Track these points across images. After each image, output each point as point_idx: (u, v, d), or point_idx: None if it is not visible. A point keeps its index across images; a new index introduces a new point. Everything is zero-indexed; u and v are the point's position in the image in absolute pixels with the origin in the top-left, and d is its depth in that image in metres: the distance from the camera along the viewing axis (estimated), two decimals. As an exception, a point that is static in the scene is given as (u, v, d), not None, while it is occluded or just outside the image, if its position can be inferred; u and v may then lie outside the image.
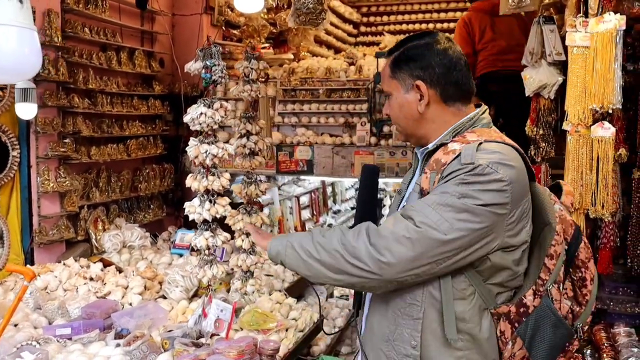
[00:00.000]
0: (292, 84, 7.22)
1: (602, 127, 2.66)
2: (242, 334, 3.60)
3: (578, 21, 2.86)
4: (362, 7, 13.08)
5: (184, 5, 7.66)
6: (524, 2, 3.44)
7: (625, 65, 3.72)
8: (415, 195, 1.92)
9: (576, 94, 2.78)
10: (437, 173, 1.84)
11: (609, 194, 2.72)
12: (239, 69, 4.61)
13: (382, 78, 2.03)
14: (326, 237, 1.86)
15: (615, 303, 3.83)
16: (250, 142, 4.53)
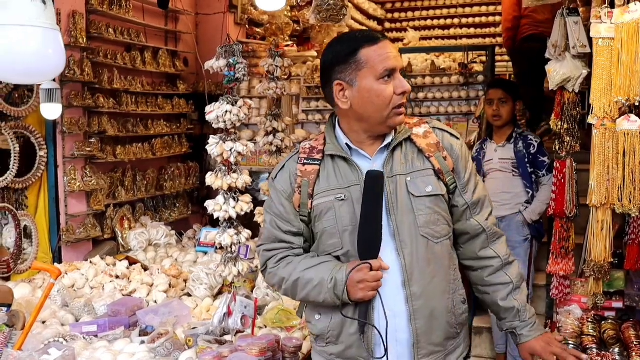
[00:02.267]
0: (316, 81, 7.22)
1: (629, 120, 2.60)
2: (266, 331, 3.61)
3: (603, 12, 2.80)
4: (386, 3, 13.02)
5: (207, 4, 7.71)
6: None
7: (653, 57, 3.66)
8: (431, 178, 2.03)
9: (602, 86, 2.72)
10: (439, 152, 2.06)
11: (636, 188, 2.66)
12: (263, 66, 4.63)
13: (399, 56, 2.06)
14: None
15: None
16: (276, 140, 4.55)
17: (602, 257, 2.91)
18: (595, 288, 3.21)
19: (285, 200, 2.09)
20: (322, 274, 1.99)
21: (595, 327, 3.57)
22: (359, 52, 1.97)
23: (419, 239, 2.00)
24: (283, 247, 2.11)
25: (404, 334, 2.01)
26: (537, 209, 4.15)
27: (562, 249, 3.52)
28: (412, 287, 1.98)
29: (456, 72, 7.10)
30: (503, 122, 4.34)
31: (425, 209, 2.01)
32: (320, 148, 2.07)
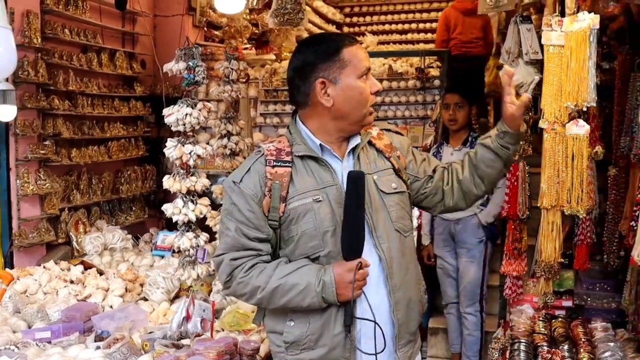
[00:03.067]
0: (274, 85, 7.24)
1: (577, 125, 2.68)
2: (223, 334, 3.60)
3: (554, 20, 2.87)
4: (345, 7, 13.12)
5: (165, 6, 7.64)
6: (501, 2, 3.47)
7: (601, 64, 3.78)
8: (393, 177, 2.14)
9: (552, 92, 2.79)
10: (394, 152, 2.19)
11: (584, 191, 2.74)
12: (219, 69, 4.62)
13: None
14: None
15: (593, 299, 3.87)
16: (231, 143, 4.54)
17: (552, 258, 2.99)
18: (545, 288, 3.30)
19: (255, 204, 2.02)
20: (307, 277, 1.97)
21: (546, 326, 3.67)
22: (342, 51, 2.02)
23: (393, 233, 2.08)
24: (250, 254, 2.05)
25: (386, 326, 2.04)
26: (492, 211, 4.25)
27: (515, 250, 3.61)
28: (393, 279, 2.05)
29: (413, 76, 7.20)
30: (459, 126, 4.43)
31: (395, 205, 2.11)
32: (287, 149, 2.06)
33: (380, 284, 2.05)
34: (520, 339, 3.48)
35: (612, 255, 3.67)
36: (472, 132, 4.47)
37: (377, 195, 2.08)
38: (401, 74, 7.34)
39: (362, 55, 2.05)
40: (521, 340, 3.47)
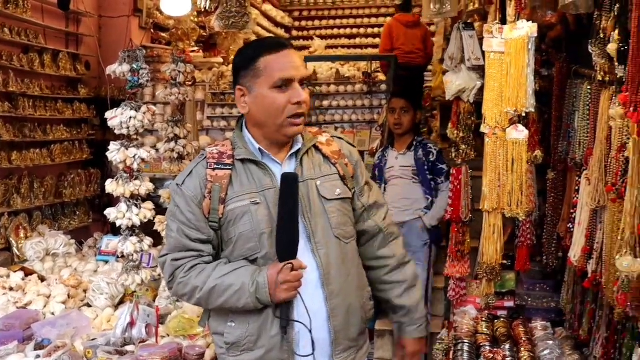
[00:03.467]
0: (222, 88, 7.20)
1: (517, 130, 2.76)
2: (168, 340, 3.56)
3: (494, 28, 2.95)
4: (294, 11, 13.15)
5: (110, 7, 7.52)
6: (444, 9, 3.55)
7: (540, 71, 3.89)
8: (338, 182, 2.13)
9: (493, 97, 2.87)
10: (342, 159, 2.17)
11: (523, 194, 2.82)
12: (166, 72, 4.57)
13: (304, 65, 2.11)
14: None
15: (533, 299, 3.98)
16: (178, 146, 4.50)
17: (494, 259, 3.06)
18: (487, 289, 3.37)
19: (195, 206, 2.05)
20: (242, 278, 1.98)
21: (488, 326, 3.74)
22: (259, 59, 2.01)
23: (333, 240, 2.08)
24: (192, 255, 2.07)
25: (323, 332, 2.06)
26: (436, 214, 4.32)
27: (458, 252, 3.68)
28: (330, 286, 2.05)
29: (360, 80, 7.26)
30: (404, 131, 4.49)
31: (336, 211, 2.10)
32: (229, 153, 2.07)
33: (318, 290, 2.05)
34: (463, 340, 3.54)
35: (551, 256, 3.78)
36: (416, 137, 4.54)
37: (318, 201, 2.08)
38: (348, 78, 7.40)
39: (283, 64, 2.00)
40: (464, 340, 3.53)
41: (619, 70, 2.29)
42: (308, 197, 2.06)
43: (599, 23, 2.55)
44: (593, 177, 2.74)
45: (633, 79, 2.02)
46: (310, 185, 2.07)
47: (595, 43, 2.57)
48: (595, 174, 2.71)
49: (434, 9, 3.58)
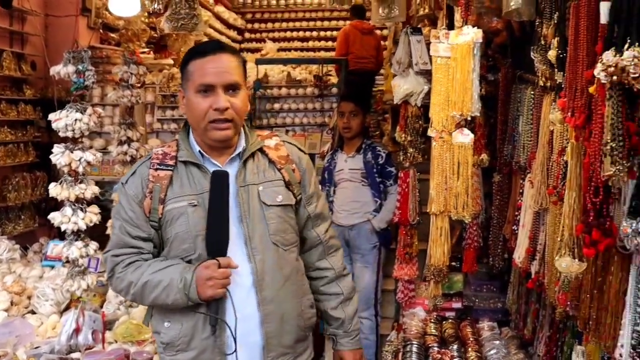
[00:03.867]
0: (172, 90, 7.13)
1: (462, 134, 2.81)
2: (116, 346, 3.50)
3: (441, 33, 3.00)
4: (246, 13, 13.10)
5: (57, 5, 7.35)
6: (392, 14, 3.58)
7: (487, 76, 3.97)
8: (281, 189, 2.13)
9: (440, 101, 2.91)
10: (290, 164, 2.18)
11: (469, 197, 2.87)
12: (117, 73, 4.50)
13: (233, 70, 2.06)
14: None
15: (480, 300, 4.05)
16: (131, 149, 4.43)
17: (441, 262, 3.11)
18: (435, 290, 3.42)
19: (136, 205, 2.08)
20: (171, 274, 2.00)
21: (437, 327, 3.80)
22: (190, 63, 2.05)
23: (270, 246, 2.08)
24: (132, 252, 2.10)
25: (255, 336, 2.07)
26: (385, 217, 4.35)
27: (407, 254, 3.72)
28: (263, 292, 2.05)
29: (311, 84, 7.28)
30: (353, 134, 4.52)
31: (276, 218, 2.10)
32: (173, 154, 2.10)
33: (251, 295, 2.06)
34: (412, 341, 3.59)
35: (497, 257, 3.85)
36: (365, 139, 4.57)
37: (258, 206, 2.08)
38: (300, 81, 7.40)
39: (206, 69, 2.01)
40: (413, 342, 3.58)
41: (558, 76, 2.35)
42: (248, 202, 2.08)
43: (540, 30, 2.61)
44: (536, 180, 2.80)
45: (571, 85, 2.08)
46: (251, 190, 2.09)
47: (537, 49, 2.64)
48: (538, 177, 2.77)
49: (382, 13, 3.61)
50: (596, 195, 1.90)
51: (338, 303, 2.29)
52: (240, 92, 2.07)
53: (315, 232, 2.25)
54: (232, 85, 2.04)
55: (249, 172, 2.11)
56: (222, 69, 2.02)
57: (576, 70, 2.05)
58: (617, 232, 1.91)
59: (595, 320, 2.20)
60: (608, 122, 1.78)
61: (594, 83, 1.84)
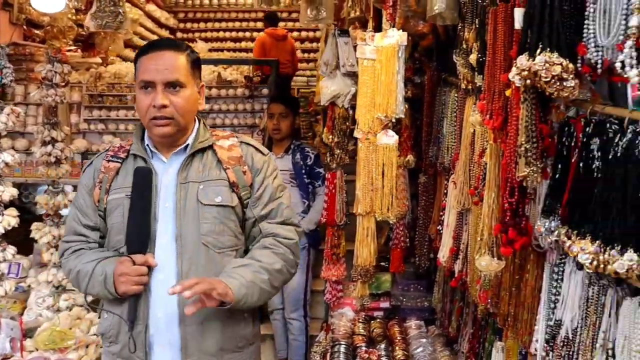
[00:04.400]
0: (99, 89, 6.95)
1: (387, 135, 2.84)
2: (36, 354, 3.38)
3: (367, 35, 3.03)
4: (179, 12, 12.93)
5: (-25, 0, 7.04)
6: (320, 15, 3.60)
7: (413, 78, 4.04)
8: (224, 189, 2.10)
9: (365, 103, 2.93)
10: (241, 165, 2.15)
11: (394, 197, 2.91)
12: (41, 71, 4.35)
13: (175, 68, 2.06)
14: (271, 264, 2.11)
15: (408, 299, 4.11)
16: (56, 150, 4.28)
17: (368, 262, 3.13)
18: (362, 290, 3.45)
19: (86, 194, 2.17)
20: (98, 266, 2.05)
21: (365, 327, 3.84)
22: (137, 60, 2.10)
23: (201, 247, 2.06)
24: (80, 239, 2.17)
25: (174, 337, 2.06)
26: (314, 218, 4.36)
27: (334, 255, 3.74)
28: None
29: (242, 85, 7.23)
30: (282, 136, 4.51)
31: (211, 218, 2.08)
32: (127, 148, 2.18)
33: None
34: (340, 341, 3.61)
35: (423, 257, 3.92)
36: (294, 141, 4.57)
37: (194, 204, 2.07)
38: (230, 82, 7.34)
39: (147, 66, 2.06)
40: (341, 342, 3.60)
41: (478, 79, 2.41)
42: (185, 199, 2.07)
43: (462, 34, 2.67)
44: (459, 180, 2.87)
45: (489, 88, 2.13)
46: (190, 188, 2.08)
47: (459, 53, 2.70)
48: (461, 178, 2.83)
49: (310, 15, 3.63)
50: (512, 196, 1.95)
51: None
52: (183, 90, 2.07)
53: (258, 227, 2.19)
54: (172, 83, 2.05)
55: (193, 169, 2.11)
56: (162, 66, 2.04)
57: (494, 73, 2.11)
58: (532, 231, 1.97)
59: (513, 316, 2.27)
60: (522, 124, 1.83)
61: (510, 86, 1.90)
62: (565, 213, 1.76)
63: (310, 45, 12.18)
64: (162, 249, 2.04)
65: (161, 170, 2.12)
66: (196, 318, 2.04)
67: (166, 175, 2.12)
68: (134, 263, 1.98)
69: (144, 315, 2.03)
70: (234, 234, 2.13)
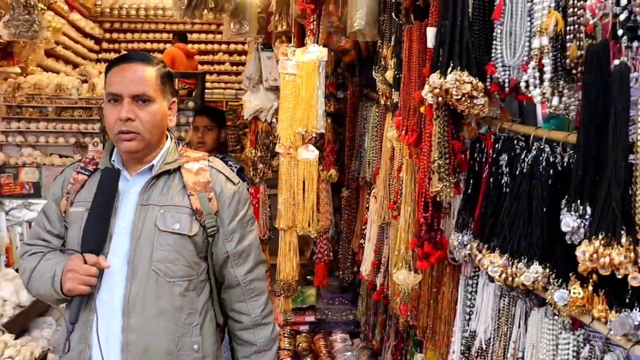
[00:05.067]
0: (18, 100, 6.70)
1: (307, 150, 2.86)
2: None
3: (289, 50, 3.04)
4: (104, 22, 12.63)
5: None
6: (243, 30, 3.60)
7: (336, 93, 4.08)
8: (183, 216, 2.00)
9: (287, 118, 2.94)
10: (207, 192, 2.04)
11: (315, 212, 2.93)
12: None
13: (143, 81, 1.99)
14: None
15: (333, 312, 4.13)
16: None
17: (291, 276, 3.13)
18: (285, 305, 3.44)
19: (53, 202, 2.13)
20: (50, 266, 2.01)
21: (290, 341, 3.83)
22: (108, 72, 2.04)
23: (150, 273, 1.98)
24: (41, 244, 2.13)
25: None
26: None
27: (258, 269, 3.71)
28: (131, 318, 1.96)
29: (168, 97, 7.13)
30: (207, 149, 4.44)
31: (166, 245, 1.99)
32: (96, 161, 2.13)
33: (118, 317, 1.97)
34: (264, 356, 3.57)
35: (347, 271, 3.95)
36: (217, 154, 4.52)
37: (151, 229, 1.99)
38: (156, 95, 7.23)
39: (113, 79, 1.99)
40: (265, 357, 3.57)
41: (395, 95, 2.46)
42: (144, 221, 1.99)
43: (381, 51, 2.72)
44: (379, 195, 2.91)
45: (405, 105, 2.18)
46: (150, 211, 2.00)
47: (377, 69, 2.74)
48: (381, 192, 2.88)
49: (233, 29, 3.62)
50: (426, 211, 1.99)
51: (250, 353, 2.15)
52: (151, 104, 1.99)
53: (234, 272, 2.10)
54: (139, 96, 1.97)
55: (156, 191, 2.03)
56: (130, 79, 1.98)
57: (409, 90, 2.16)
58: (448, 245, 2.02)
59: (432, 328, 2.32)
60: (435, 140, 1.87)
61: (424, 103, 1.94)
62: (477, 227, 1.81)
63: (239, 58, 12.13)
64: (113, 270, 1.97)
65: (123, 188, 2.04)
66: (139, 347, 1.96)
67: (128, 195, 2.04)
68: (86, 262, 1.91)
69: (85, 333, 1.97)
70: (189, 263, 2.03)
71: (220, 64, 12.30)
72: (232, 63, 12.20)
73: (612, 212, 1.25)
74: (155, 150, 2.06)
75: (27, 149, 6.47)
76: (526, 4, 1.59)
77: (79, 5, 11.13)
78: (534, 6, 1.55)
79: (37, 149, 6.49)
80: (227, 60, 12.27)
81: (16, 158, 6.38)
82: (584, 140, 1.35)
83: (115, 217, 2.01)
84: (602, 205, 1.27)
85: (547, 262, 1.51)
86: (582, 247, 1.27)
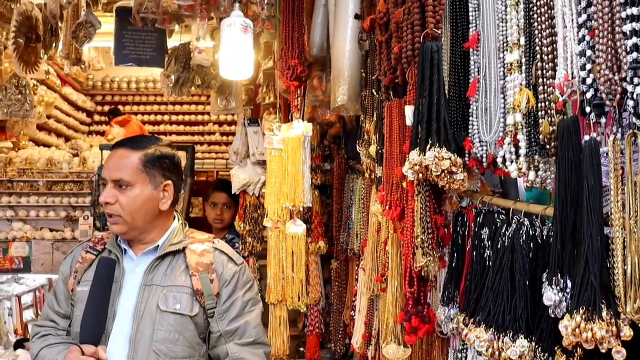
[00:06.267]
0: (9, 175, 6.73)
1: (295, 224, 2.88)
2: None
3: (275, 125, 3.10)
4: (96, 95, 12.81)
5: None
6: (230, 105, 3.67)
7: (323, 165, 4.12)
8: (185, 296, 2.03)
9: (274, 192, 2.98)
10: (209, 273, 2.07)
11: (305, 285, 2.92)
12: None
13: (124, 168, 2.06)
14: None
15: (326, 387, 4.05)
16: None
17: (281, 351, 3.09)
18: (277, 380, 3.38)
19: (61, 281, 2.16)
20: (52, 355, 2.00)
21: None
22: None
23: (151, 354, 1.99)
24: (50, 325, 2.14)
25: None
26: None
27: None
28: None
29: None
30: (225, 226, 4.29)
31: (166, 325, 2.01)
32: (106, 240, 2.17)
33: None
34: None
35: (339, 343, 3.90)
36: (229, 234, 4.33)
37: (154, 309, 2.01)
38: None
39: (105, 163, 2.12)
40: None
41: (379, 170, 2.49)
42: (147, 301, 2.02)
43: (364, 125, 2.77)
44: (367, 267, 2.90)
45: (387, 180, 2.20)
46: (153, 291, 2.03)
47: (361, 143, 2.78)
48: (369, 265, 2.87)
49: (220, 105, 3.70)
50: (411, 286, 1.99)
51: None
52: (130, 189, 2.05)
53: (225, 348, 2.07)
54: (117, 181, 2.05)
55: (160, 271, 2.07)
56: (112, 164, 2.07)
57: (392, 165, 2.19)
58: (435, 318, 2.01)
59: (424, 403, 2.27)
60: (417, 216, 1.89)
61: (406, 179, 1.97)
62: (463, 301, 1.81)
63: (229, 128, 12.28)
64: (114, 349, 1.98)
65: (129, 268, 2.08)
66: None
67: (132, 274, 2.08)
68: (84, 353, 1.91)
69: None
70: (190, 344, 2.04)
71: (210, 134, 12.42)
72: (222, 133, 12.33)
73: (592, 286, 1.26)
74: (149, 232, 2.10)
75: (17, 223, 6.46)
76: (499, 81, 1.65)
77: (71, 80, 11.32)
78: (506, 84, 1.61)
79: (27, 223, 6.47)
80: (217, 130, 12.39)
81: (6, 232, 6.36)
82: (560, 214, 1.37)
83: (119, 296, 2.05)
84: (581, 279, 1.28)
85: (533, 335, 1.51)
86: (565, 322, 1.28)
